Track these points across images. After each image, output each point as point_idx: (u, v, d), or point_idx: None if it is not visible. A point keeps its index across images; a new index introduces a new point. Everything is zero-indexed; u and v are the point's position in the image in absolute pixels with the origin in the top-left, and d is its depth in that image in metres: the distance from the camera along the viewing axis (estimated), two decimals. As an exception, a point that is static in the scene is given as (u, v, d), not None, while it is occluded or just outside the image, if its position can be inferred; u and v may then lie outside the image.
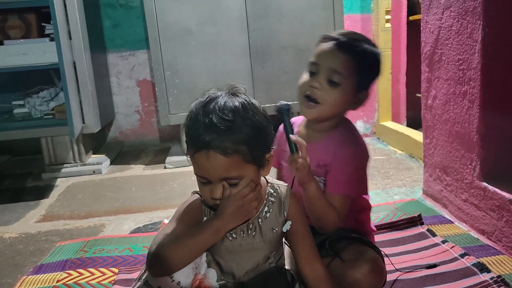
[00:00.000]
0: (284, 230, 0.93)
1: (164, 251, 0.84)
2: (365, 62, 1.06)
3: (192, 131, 0.82)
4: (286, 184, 0.96)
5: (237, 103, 0.83)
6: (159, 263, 0.85)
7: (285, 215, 0.93)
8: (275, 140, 0.90)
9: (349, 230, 1.14)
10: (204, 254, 0.91)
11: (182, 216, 0.91)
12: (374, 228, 1.24)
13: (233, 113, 0.81)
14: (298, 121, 1.18)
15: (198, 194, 0.91)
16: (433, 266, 1.23)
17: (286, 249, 0.99)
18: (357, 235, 1.13)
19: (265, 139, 0.86)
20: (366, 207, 1.20)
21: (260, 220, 0.91)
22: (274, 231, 0.92)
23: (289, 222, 0.93)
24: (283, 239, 0.97)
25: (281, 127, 1.09)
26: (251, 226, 0.90)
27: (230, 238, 0.89)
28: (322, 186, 1.09)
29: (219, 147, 0.79)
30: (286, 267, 0.97)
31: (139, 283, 0.90)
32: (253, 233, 0.90)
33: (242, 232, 0.90)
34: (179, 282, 0.88)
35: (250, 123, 0.82)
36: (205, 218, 0.90)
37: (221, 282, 0.91)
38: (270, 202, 0.92)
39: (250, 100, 0.85)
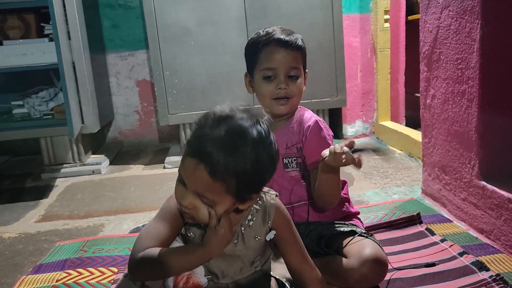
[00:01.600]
0: (268, 239, 0.91)
1: (152, 265, 0.81)
2: (304, 47, 1.18)
3: (198, 136, 0.78)
4: (274, 192, 0.93)
5: (254, 134, 0.77)
6: (145, 273, 0.83)
7: (269, 224, 0.90)
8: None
9: (338, 223, 1.20)
10: None
11: (162, 212, 0.90)
12: (357, 210, 1.31)
13: (242, 141, 0.76)
14: None
15: None
16: (432, 264, 1.23)
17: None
18: (348, 227, 1.18)
19: (260, 180, 0.81)
20: (342, 181, 1.26)
21: (243, 228, 0.89)
22: (257, 239, 0.90)
23: (273, 232, 0.91)
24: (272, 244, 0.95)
25: None
26: (234, 234, 0.87)
27: None
28: (295, 165, 1.17)
29: (211, 165, 0.75)
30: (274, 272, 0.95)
31: (122, 278, 0.90)
32: (235, 241, 0.88)
33: None
34: None
35: (253, 159, 0.76)
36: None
37: (209, 277, 0.90)
38: (254, 211, 0.89)
39: (268, 136, 0.79)
